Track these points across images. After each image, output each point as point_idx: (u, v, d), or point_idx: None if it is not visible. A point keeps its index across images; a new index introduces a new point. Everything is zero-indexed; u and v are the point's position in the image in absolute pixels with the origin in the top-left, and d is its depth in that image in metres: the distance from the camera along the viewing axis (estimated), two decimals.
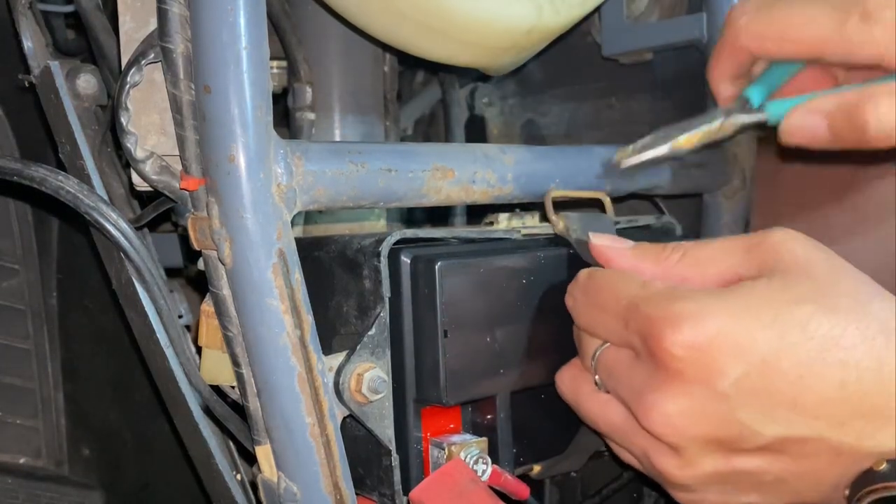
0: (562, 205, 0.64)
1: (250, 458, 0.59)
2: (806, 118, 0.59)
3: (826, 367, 0.47)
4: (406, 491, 0.56)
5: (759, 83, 0.64)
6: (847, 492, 0.50)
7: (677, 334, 0.49)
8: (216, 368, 0.58)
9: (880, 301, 0.49)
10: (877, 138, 0.57)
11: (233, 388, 0.58)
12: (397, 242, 0.55)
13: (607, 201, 0.65)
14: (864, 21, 0.57)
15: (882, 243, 0.65)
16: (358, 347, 0.53)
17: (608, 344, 0.55)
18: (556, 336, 0.60)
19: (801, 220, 0.92)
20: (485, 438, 0.58)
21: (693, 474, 0.52)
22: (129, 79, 0.53)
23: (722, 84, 0.66)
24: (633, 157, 0.64)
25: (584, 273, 0.58)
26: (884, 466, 0.48)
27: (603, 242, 0.58)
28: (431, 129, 1.02)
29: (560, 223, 0.62)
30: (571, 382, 0.58)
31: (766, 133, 0.67)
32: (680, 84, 0.79)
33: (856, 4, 0.57)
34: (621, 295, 0.53)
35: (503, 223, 0.63)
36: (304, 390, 0.52)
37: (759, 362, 0.48)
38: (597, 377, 0.56)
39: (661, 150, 0.63)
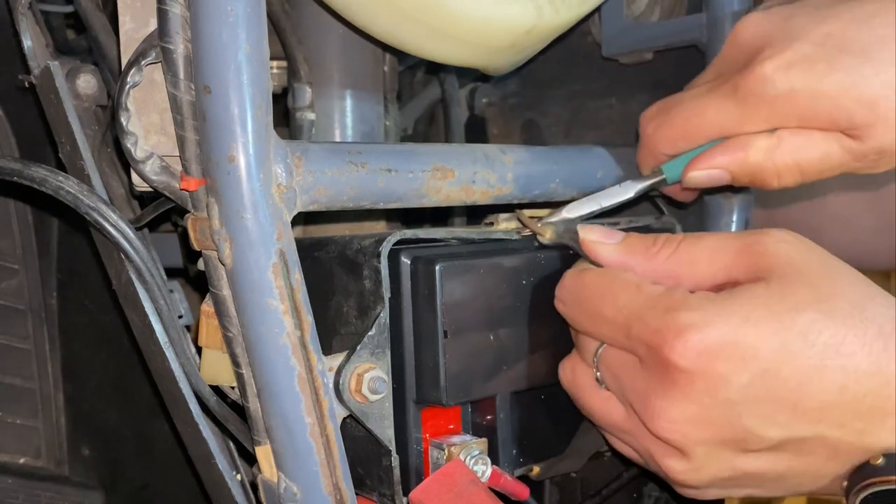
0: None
1: (250, 458, 0.59)
2: (707, 173, 0.61)
3: (826, 374, 0.48)
4: (406, 491, 0.56)
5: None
6: (845, 483, 0.50)
7: (683, 344, 0.49)
8: (216, 368, 0.58)
9: (876, 303, 0.50)
10: (780, 184, 0.59)
11: (233, 388, 0.58)
12: (397, 243, 0.55)
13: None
14: (756, 107, 0.57)
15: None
16: (358, 348, 0.53)
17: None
18: (555, 336, 0.60)
19: (800, 215, 0.92)
20: (485, 439, 0.58)
21: (699, 478, 0.52)
22: (129, 79, 0.53)
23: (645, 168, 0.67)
24: (553, 216, 0.63)
25: (569, 276, 0.57)
26: (881, 461, 0.49)
27: (592, 237, 0.58)
28: (431, 129, 1.02)
29: (547, 232, 0.62)
30: (572, 374, 0.58)
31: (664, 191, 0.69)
32: (680, 84, 0.79)
33: (740, 90, 0.57)
34: (619, 303, 0.53)
35: (503, 224, 0.63)
36: (304, 390, 0.52)
37: (761, 371, 0.48)
38: (598, 373, 0.56)
39: (575, 213, 0.64)
